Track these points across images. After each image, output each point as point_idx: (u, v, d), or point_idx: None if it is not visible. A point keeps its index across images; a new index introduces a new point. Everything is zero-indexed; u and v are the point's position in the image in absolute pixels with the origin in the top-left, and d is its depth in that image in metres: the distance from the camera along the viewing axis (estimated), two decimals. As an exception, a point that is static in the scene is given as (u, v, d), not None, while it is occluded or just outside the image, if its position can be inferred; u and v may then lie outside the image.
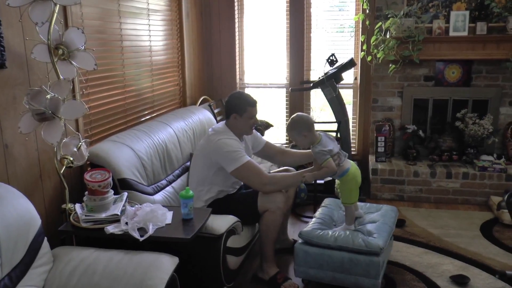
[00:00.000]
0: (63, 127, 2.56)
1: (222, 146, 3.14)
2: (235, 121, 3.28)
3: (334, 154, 3.10)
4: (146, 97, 4.13)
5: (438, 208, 4.67)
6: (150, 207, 2.64)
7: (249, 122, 3.30)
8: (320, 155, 3.07)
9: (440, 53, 4.80)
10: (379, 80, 5.23)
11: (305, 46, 5.51)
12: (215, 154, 3.17)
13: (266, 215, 3.15)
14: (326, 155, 3.06)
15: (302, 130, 3.13)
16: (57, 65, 2.52)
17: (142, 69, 4.08)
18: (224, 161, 3.15)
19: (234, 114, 3.27)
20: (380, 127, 5.10)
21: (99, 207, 2.59)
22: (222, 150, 3.14)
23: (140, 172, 3.15)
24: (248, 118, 3.28)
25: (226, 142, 3.16)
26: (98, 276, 2.16)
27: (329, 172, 3.08)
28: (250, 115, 3.28)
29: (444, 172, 4.77)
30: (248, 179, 3.17)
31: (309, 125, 3.15)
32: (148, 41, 4.16)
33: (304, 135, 3.13)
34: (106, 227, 2.50)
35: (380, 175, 4.90)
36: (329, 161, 3.05)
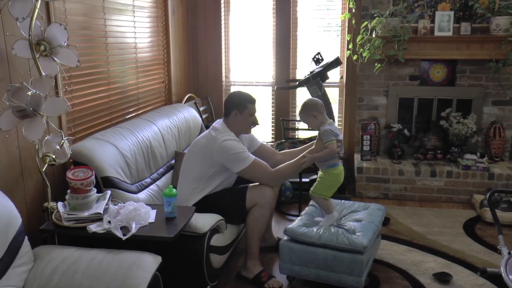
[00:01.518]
0: (45, 124, 2.52)
1: (228, 148, 3.12)
2: (235, 118, 3.27)
3: (338, 140, 3.13)
4: (131, 95, 4.10)
5: (423, 206, 4.69)
6: (133, 206, 2.62)
7: (249, 119, 3.29)
8: (327, 134, 3.11)
9: (425, 52, 4.82)
10: (365, 79, 5.24)
11: (291, 45, 5.50)
12: (219, 155, 3.14)
13: (254, 209, 3.15)
14: (332, 136, 3.10)
15: (312, 110, 3.17)
16: (39, 61, 2.49)
17: (127, 66, 4.05)
18: (230, 163, 3.14)
19: (234, 111, 3.26)
20: (366, 126, 5.11)
21: (82, 205, 2.57)
22: (228, 152, 3.12)
23: (123, 170, 3.13)
24: (248, 115, 3.27)
25: (231, 144, 3.14)
26: (80, 275, 2.14)
27: (330, 154, 3.10)
28: (250, 112, 3.27)
29: (429, 171, 4.79)
30: (256, 177, 3.18)
31: (319, 106, 3.20)
32: (133, 38, 4.13)
33: (313, 115, 3.17)
34: (88, 226, 2.47)
35: (365, 173, 4.91)
36: (333, 143, 3.08)
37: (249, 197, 3.16)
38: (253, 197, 3.15)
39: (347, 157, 5.49)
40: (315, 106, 3.19)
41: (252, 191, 3.17)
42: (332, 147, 3.07)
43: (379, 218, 3.33)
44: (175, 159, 3.82)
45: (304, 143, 4.59)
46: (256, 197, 3.14)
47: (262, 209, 3.15)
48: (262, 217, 3.17)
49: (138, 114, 4.17)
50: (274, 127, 5.75)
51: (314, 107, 3.18)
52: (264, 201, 3.14)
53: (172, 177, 3.72)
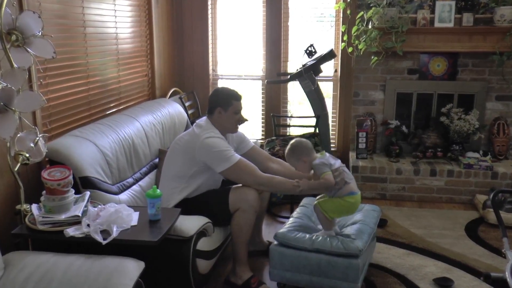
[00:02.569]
0: (17, 120, 2.49)
1: (210, 145, 3.10)
2: (219, 116, 3.25)
3: (336, 168, 3.07)
4: (112, 89, 4.07)
5: (422, 207, 4.69)
6: (115, 208, 2.61)
7: (234, 117, 3.27)
8: (320, 166, 3.05)
9: (425, 45, 4.83)
10: (361, 73, 5.23)
11: (282, 36, 5.48)
12: (201, 153, 3.12)
13: (238, 214, 3.13)
14: (325, 167, 3.04)
15: (301, 155, 3.11)
16: (10, 52, 2.45)
17: (108, 58, 4.02)
18: (212, 161, 3.11)
19: (218, 108, 3.24)
20: (361, 122, 5.10)
21: (58, 207, 2.54)
22: (210, 150, 3.09)
23: (104, 170, 3.11)
24: (233, 113, 3.25)
25: (214, 141, 3.12)
26: (56, 283, 2.11)
27: (326, 185, 3.03)
28: (235, 109, 3.25)
29: (428, 170, 4.79)
30: (240, 178, 3.15)
31: (308, 149, 3.14)
32: (114, 28, 4.10)
33: (303, 161, 3.11)
34: (65, 230, 2.45)
35: (361, 172, 4.90)
36: (328, 174, 3.02)
37: (232, 199, 3.14)
38: (235, 200, 3.13)
39: (341, 155, 5.50)
40: (305, 150, 3.13)
41: (235, 194, 3.15)
42: (328, 178, 3.01)
43: (374, 219, 3.33)
44: (159, 158, 3.80)
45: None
46: (238, 201, 3.12)
47: (245, 214, 3.12)
48: (246, 222, 3.15)
49: (120, 109, 4.14)
50: (264, 124, 5.74)
51: (304, 152, 3.12)
52: (247, 205, 3.11)
53: (155, 177, 3.70)
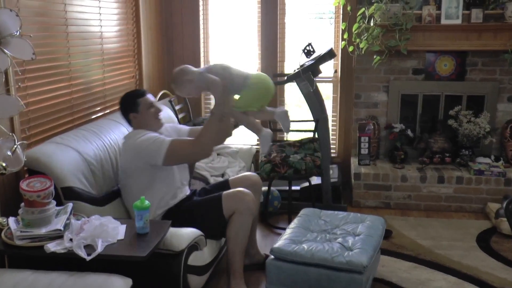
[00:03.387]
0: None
1: (140, 144, 3.11)
2: (137, 120, 3.30)
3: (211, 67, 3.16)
4: (96, 92, 4.06)
5: (429, 217, 4.68)
6: (100, 221, 2.60)
7: (150, 112, 3.30)
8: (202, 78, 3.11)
9: (431, 43, 4.83)
10: (362, 73, 5.23)
11: (278, 34, 5.47)
12: (137, 156, 3.11)
13: (234, 217, 3.16)
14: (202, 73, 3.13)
15: (182, 77, 3.19)
16: (-15, 53, 2.42)
17: (92, 58, 4.01)
18: (150, 157, 3.08)
19: (130, 114, 3.31)
20: (364, 126, 5.09)
21: (38, 221, 2.52)
22: (142, 147, 3.10)
23: (88, 179, 3.09)
24: (146, 109, 3.29)
25: (142, 139, 3.13)
26: (36, 303, 2.07)
27: (216, 87, 3.07)
28: (145, 105, 3.29)
29: (436, 176, 4.79)
30: (183, 155, 3.14)
31: (185, 69, 3.22)
32: (98, 26, 4.08)
33: (188, 80, 3.17)
34: (46, 245, 2.43)
35: (363, 180, 4.89)
36: (207, 76, 3.09)
37: (226, 204, 3.17)
38: (230, 203, 3.16)
39: (342, 161, 5.49)
40: (181, 71, 3.21)
41: (229, 197, 3.19)
42: (209, 80, 3.07)
43: (379, 231, 3.32)
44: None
45: (294, 146, 4.58)
46: (233, 203, 3.16)
47: (242, 216, 3.15)
48: (243, 225, 3.17)
49: (105, 114, 4.13)
50: (260, 128, 5.70)
51: (182, 73, 3.20)
52: (243, 206, 3.15)
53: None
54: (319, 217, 3.51)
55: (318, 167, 4.32)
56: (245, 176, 3.69)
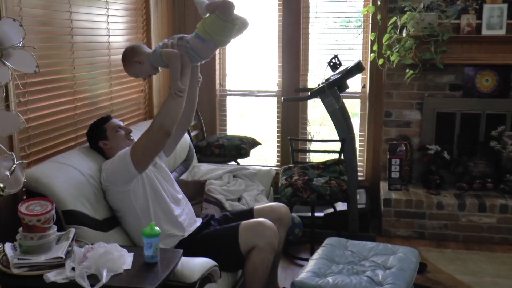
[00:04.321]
0: (-9, 145, 2.48)
1: (110, 169, 3.14)
2: (108, 146, 3.33)
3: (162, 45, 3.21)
4: (102, 107, 4.08)
5: (469, 249, 4.64)
6: (105, 248, 2.58)
7: (119, 134, 3.34)
8: (155, 57, 3.19)
9: (470, 56, 4.81)
10: (393, 89, 5.23)
11: (301, 45, 5.50)
12: (115, 181, 3.12)
13: (253, 254, 3.11)
14: (155, 50, 3.19)
15: (132, 58, 3.24)
16: (-16, 66, 2.45)
17: (98, 71, 4.03)
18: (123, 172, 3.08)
19: (99, 142, 3.34)
20: (395, 147, 5.07)
21: (38, 247, 2.52)
22: (112, 170, 3.12)
23: (91, 203, 3.09)
24: (114, 132, 3.33)
25: (109, 164, 3.17)
26: (34, 339, 2.07)
27: (172, 58, 3.12)
28: (112, 129, 3.34)
29: (476, 204, 4.75)
30: (146, 146, 3.09)
31: (137, 48, 3.27)
32: (106, 36, 4.12)
33: (137, 62, 3.23)
34: (46, 274, 2.42)
35: (394, 206, 4.87)
36: (163, 50, 3.15)
37: (243, 238, 3.14)
38: (248, 238, 3.13)
39: (371, 186, 5.47)
40: (133, 51, 3.25)
41: (247, 231, 3.15)
42: (166, 52, 3.13)
43: (413, 265, 3.27)
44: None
45: (318, 168, 4.56)
46: (252, 238, 3.12)
47: (262, 253, 3.11)
48: (263, 263, 3.13)
49: (111, 131, 4.13)
50: (280, 149, 5.72)
51: (133, 53, 3.24)
52: (264, 242, 3.11)
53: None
54: (345, 247, 3.47)
55: (344, 191, 4.29)
56: (272, 207, 3.62)
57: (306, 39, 5.52)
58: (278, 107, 5.69)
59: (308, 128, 5.72)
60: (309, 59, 5.57)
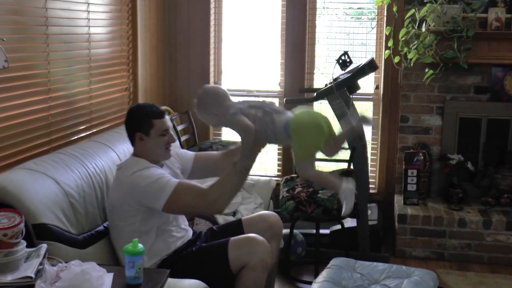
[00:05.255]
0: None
1: (139, 181, 3.10)
2: (142, 143, 3.27)
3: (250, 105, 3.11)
4: (81, 107, 4.09)
5: (495, 272, 4.64)
6: (81, 267, 2.54)
7: (161, 140, 3.27)
8: (232, 116, 3.08)
9: (499, 55, 4.82)
10: (411, 91, 5.24)
11: (307, 40, 5.51)
12: (133, 195, 3.12)
13: (244, 273, 3.11)
14: (237, 114, 3.07)
15: (211, 107, 3.14)
16: None
17: (76, 66, 4.04)
18: (148, 199, 3.09)
19: (137, 134, 3.26)
20: (411, 156, 5.07)
21: (4, 265, 2.50)
22: (140, 184, 3.09)
23: (67, 215, 3.08)
24: (159, 136, 3.26)
25: (142, 174, 3.12)
26: None
27: (246, 133, 3.03)
28: (159, 130, 3.26)
29: (503, 222, 4.76)
30: (188, 205, 3.11)
31: (220, 97, 3.17)
32: (85, 27, 4.12)
33: (215, 114, 3.14)
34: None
35: (410, 223, 4.87)
36: (240, 120, 3.04)
37: (233, 256, 3.13)
38: (238, 255, 3.13)
39: (384, 200, 5.46)
40: (215, 99, 3.15)
41: (236, 248, 3.15)
42: (241, 124, 3.03)
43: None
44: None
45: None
46: (243, 256, 3.12)
47: (254, 273, 3.11)
48: (255, 284, 3.13)
49: (90, 134, 4.16)
50: (281, 157, 5.72)
51: (215, 101, 3.15)
52: (255, 259, 3.11)
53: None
54: (354, 269, 3.46)
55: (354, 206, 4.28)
56: (262, 215, 3.65)
57: (313, 32, 5.53)
58: (280, 109, 5.66)
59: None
60: (316, 55, 5.58)
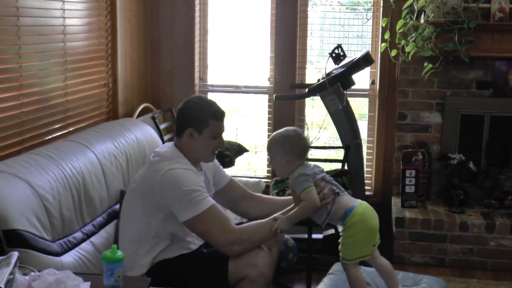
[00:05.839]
0: None
1: (176, 180, 3.10)
2: (191, 140, 3.26)
3: (321, 178, 3.11)
4: (56, 104, 4.07)
5: (499, 279, 4.64)
6: (55, 276, 2.54)
7: (212, 143, 3.28)
8: (300, 182, 3.05)
9: (502, 47, 4.83)
10: (409, 86, 5.25)
11: (298, 32, 5.51)
12: (164, 192, 3.12)
13: (243, 285, 3.11)
14: (307, 181, 3.04)
15: (289, 153, 3.10)
16: None
17: (50, 60, 4.03)
18: (175, 204, 3.10)
19: (190, 128, 3.24)
20: (410, 156, 5.07)
21: (-28, 275, 2.48)
22: (176, 186, 3.09)
23: (41, 220, 3.07)
24: (211, 137, 3.26)
25: (180, 174, 3.12)
26: None
27: (309, 209, 3.05)
28: (213, 132, 3.26)
29: (508, 225, 4.76)
30: (208, 233, 3.12)
31: (302, 149, 3.14)
32: (60, 18, 4.10)
33: (288, 161, 3.10)
34: (-19, 309, 2.38)
35: (408, 227, 4.88)
36: (311, 191, 3.02)
37: (234, 267, 3.12)
38: (239, 266, 3.11)
39: (381, 202, 5.47)
40: (297, 148, 3.13)
41: (238, 258, 3.13)
42: (310, 197, 3.02)
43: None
44: (120, 203, 3.76)
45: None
46: (244, 267, 3.11)
47: (254, 285, 3.11)
48: None
49: (66, 133, 4.15)
50: (271, 156, 5.69)
51: (295, 150, 3.12)
52: (256, 272, 3.10)
53: (115, 231, 3.67)
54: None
55: (349, 209, 4.29)
56: None
57: (305, 24, 5.53)
58: (269, 106, 5.69)
59: (305, 132, 5.70)
60: (308, 49, 5.58)
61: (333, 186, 3.12)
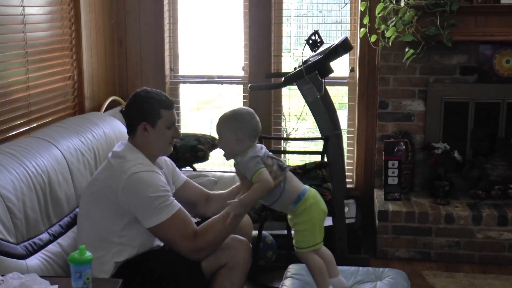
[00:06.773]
0: None
1: (141, 186, 3.09)
2: (146, 135, 3.27)
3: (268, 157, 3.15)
4: (17, 98, 4.06)
5: (487, 273, 4.67)
6: (20, 280, 2.54)
7: (167, 134, 3.29)
8: (251, 164, 3.07)
9: (486, 31, 4.84)
10: (390, 73, 5.26)
11: (273, 18, 5.51)
12: (128, 197, 3.11)
13: (222, 274, 3.14)
14: (258, 163, 3.07)
15: (239, 130, 3.12)
16: None
17: (10, 52, 4.01)
18: (141, 210, 3.09)
19: (142, 123, 3.25)
20: (392, 146, 5.09)
21: None
22: (142, 192, 3.08)
23: (3, 222, 3.05)
24: (165, 128, 3.28)
25: (145, 178, 3.12)
26: None
27: (264, 189, 3.05)
28: (167, 122, 3.28)
29: (495, 216, 4.79)
30: (174, 242, 3.12)
31: (253, 128, 3.17)
32: (19, 7, 4.07)
33: (237, 139, 3.12)
34: None
35: (392, 220, 4.90)
36: (263, 172, 3.04)
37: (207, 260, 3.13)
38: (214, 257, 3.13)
39: (363, 195, 5.51)
40: (247, 126, 3.15)
41: None
42: (263, 178, 3.03)
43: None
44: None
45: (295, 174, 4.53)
46: (219, 256, 3.13)
47: (232, 272, 3.14)
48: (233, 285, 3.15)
49: (29, 130, 4.14)
50: (247, 149, 5.70)
51: (245, 127, 3.14)
52: (235, 261, 3.14)
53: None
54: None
55: (328, 203, 4.28)
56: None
57: (280, 10, 5.53)
58: (244, 97, 5.70)
59: (283, 123, 5.72)
60: (284, 36, 5.59)
61: (279, 161, 3.16)
